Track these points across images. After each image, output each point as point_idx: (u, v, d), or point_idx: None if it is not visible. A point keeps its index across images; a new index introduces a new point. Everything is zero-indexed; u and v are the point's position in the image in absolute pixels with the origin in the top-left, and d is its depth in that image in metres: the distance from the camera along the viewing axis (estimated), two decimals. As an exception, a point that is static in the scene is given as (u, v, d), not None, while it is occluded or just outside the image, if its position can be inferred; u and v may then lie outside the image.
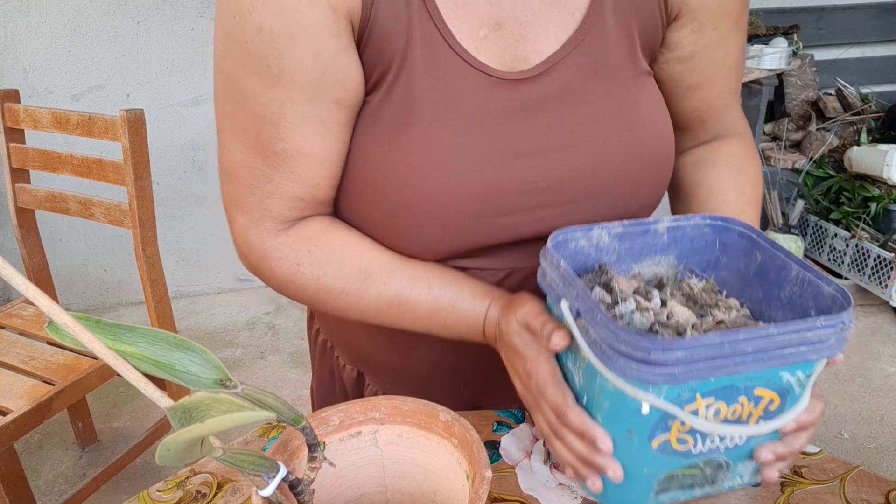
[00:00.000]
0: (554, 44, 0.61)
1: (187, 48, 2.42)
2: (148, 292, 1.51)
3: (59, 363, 1.45)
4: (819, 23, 2.84)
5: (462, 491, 0.52)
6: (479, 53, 0.60)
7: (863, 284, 2.46)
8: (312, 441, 0.46)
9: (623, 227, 0.59)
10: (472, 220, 0.62)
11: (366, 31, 0.58)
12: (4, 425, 1.25)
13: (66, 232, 2.54)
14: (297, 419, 0.43)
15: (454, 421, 0.53)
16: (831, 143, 2.62)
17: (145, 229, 1.45)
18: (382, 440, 0.55)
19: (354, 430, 0.54)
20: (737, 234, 0.60)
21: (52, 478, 1.82)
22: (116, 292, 2.68)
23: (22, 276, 0.33)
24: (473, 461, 0.50)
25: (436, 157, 0.60)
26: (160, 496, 0.64)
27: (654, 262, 0.62)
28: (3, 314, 1.62)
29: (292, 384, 2.21)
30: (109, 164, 1.44)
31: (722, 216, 0.61)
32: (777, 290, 0.56)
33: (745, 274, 0.59)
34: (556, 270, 0.55)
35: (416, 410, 0.55)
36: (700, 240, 0.62)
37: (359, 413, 0.54)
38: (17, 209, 1.59)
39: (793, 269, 0.54)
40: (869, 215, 2.44)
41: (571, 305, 0.52)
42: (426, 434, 0.55)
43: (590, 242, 0.59)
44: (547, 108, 0.61)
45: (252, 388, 0.40)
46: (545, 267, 0.57)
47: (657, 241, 0.61)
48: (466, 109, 0.60)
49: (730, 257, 0.61)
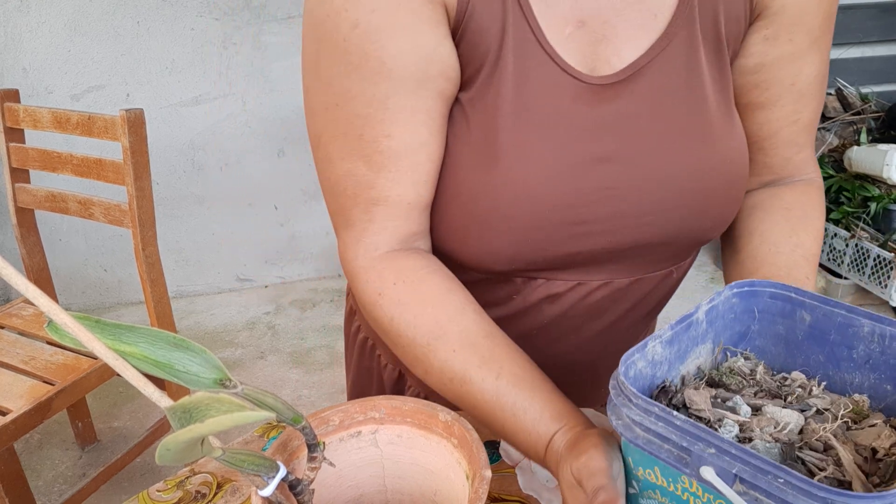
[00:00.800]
0: (635, 46, 0.59)
1: (187, 48, 2.42)
2: (148, 292, 1.51)
3: (59, 363, 1.45)
4: (819, 23, 2.84)
5: (462, 491, 0.52)
6: (564, 53, 0.58)
7: (862, 284, 2.46)
8: (312, 441, 0.46)
9: (672, 330, 0.51)
10: (550, 226, 0.60)
11: (461, 24, 0.56)
12: (4, 425, 1.25)
13: (66, 232, 2.54)
14: (296, 419, 0.43)
15: (454, 421, 0.53)
16: (831, 142, 2.62)
17: (145, 229, 1.45)
18: (382, 440, 0.55)
19: (354, 430, 0.54)
20: (768, 296, 0.54)
21: (51, 478, 1.81)
22: (116, 292, 2.67)
23: (21, 276, 0.33)
24: (473, 461, 0.49)
25: (521, 162, 0.58)
26: (160, 496, 0.64)
27: (695, 354, 0.54)
28: (3, 314, 1.62)
29: (292, 384, 2.21)
30: (109, 164, 1.44)
31: (748, 281, 0.54)
32: (846, 349, 0.50)
33: (790, 339, 0.54)
34: (668, 424, 0.41)
35: (415, 410, 0.54)
36: (730, 313, 0.55)
37: (359, 413, 0.54)
38: (16, 209, 1.59)
39: (864, 325, 0.49)
40: (869, 215, 2.44)
41: (722, 471, 0.39)
42: (426, 434, 0.54)
43: (646, 360, 0.49)
44: (630, 116, 0.60)
45: (252, 387, 0.40)
46: (627, 413, 0.44)
47: (698, 332, 0.53)
48: (551, 112, 0.58)
49: (764, 324, 0.55)
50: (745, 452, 0.38)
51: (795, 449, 0.43)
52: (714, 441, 0.39)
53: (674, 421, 0.41)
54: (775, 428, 0.45)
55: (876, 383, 0.50)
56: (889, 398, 0.50)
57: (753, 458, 0.37)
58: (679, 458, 0.41)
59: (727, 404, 0.48)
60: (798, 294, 0.53)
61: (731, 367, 0.54)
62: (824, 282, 2.59)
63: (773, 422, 0.46)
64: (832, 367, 0.51)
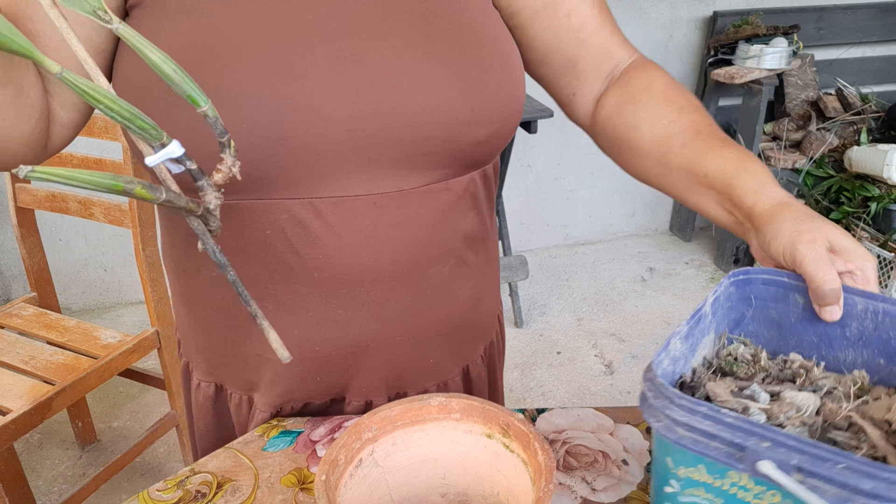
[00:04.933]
0: None
1: (187, 48, 2.42)
2: (148, 292, 1.51)
3: (59, 363, 1.45)
4: (819, 23, 2.84)
5: (483, 450, 0.53)
6: None
7: (863, 284, 2.46)
8: (222, 138, 0.40)
9: (688, 325, 0.51)
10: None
11: None
12: (4, 425, 1.25)
13: (66, 232, 2.54)
14: (193, 101, 0.38)
15: (448, 398, 0.53)
16: (831, 143, 2.62)
17: (145, 229, 1.45)
18: (380, 456, 0.54)
19: (356, 462, 0.52)
20: (760, 283, 0.56)
21: (51, 477, 1.82)
22: (116, 292, 2.67)
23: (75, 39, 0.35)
24: (488, 416, 0.50)
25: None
26: (160, 496, 0.64)
27: (702, 346, 0.55)
28: (3, 314, 1.62)
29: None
30: (109, 164, 1.44)
31: (743, 269, 0.55)
32: (839, 328, 0.52)
33: (783, 322, 0.55)
34: (716, 422, 0.41)
35: (404, 411, 0.54)
36: (727, 301, 0.56)
37: (355, 441, 0.52)
38: (17, 209, 1.59)
39: (857, 303, 0.50)
40: (869, 215, 2.44)
41: (781, 463, 0.39)
42: (420, 427, 0.54)
43: (669, 358, 0.49)
44: None
45: (134, 32, 0.37)
46: (670, 413, 0.43)
47: (706, 324, 0.54)
48: None
49: (757, 310, 0.56)
50: (803, 442, 0.38)
51: (825, 431, 0.44)
52: (769, 435, 0.39)
53: (724, 418, 0.40)
54: (797, 412, 0.46)
55: (869, 359, 0.52)
56: (882, 371, 0.52)
57: (812, 447, 0.37)
58: (730, 454, 0.41)
59: (745, 393, 0.49)
60: (791, 278, 0.54)
61: (732, 355, 0.55)
62: (824, 282, 2.59)
63: (793, 406, 0.46)
64: (825, 346, 0.53)
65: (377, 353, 0.69)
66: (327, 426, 0.72)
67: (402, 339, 0.69)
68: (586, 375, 2.23)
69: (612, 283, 2.76)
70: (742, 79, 2.51)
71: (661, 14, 2.80)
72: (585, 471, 0.65)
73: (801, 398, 0.47)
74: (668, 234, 3.20)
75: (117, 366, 1.47)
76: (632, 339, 2.39)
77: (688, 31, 2.85)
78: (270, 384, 0.70)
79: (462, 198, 0.66)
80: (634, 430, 0.70)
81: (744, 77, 2.51)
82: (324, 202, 0.60)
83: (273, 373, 0.70)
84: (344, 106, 0.56)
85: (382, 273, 0.64)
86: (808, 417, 0.45)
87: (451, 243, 0.68)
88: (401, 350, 0.69)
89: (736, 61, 2.60)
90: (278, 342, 0.47)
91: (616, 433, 0.70)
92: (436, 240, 0.66)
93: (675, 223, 3.16)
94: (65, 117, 0.60)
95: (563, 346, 2.38)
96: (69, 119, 0.61)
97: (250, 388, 0.73)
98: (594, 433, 0.70)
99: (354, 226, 0.61)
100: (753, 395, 0.48)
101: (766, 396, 0.48)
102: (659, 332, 2.41)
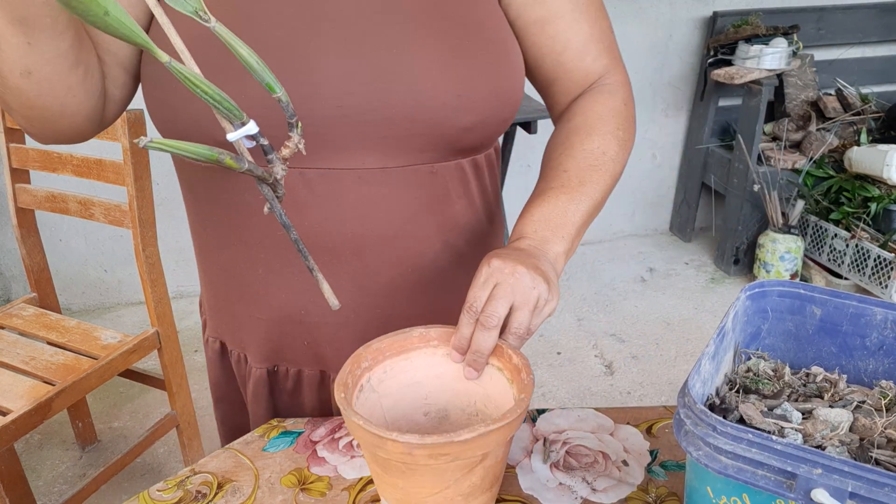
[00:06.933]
0: None
1: (187, 48, 2.42)
2: (148, 292, 1.51)
3: (59, 363, 1.45)
4: (819, 23, 2.84)
5: (458, 369, 0.62)
6: None
7: (863, 285, 2.46)
8: (291, 119, 0.46)
9: (714, 344, 0.50)
10: None
11: None
12: (4, 425, 1.25)
13: (66, 232, 2.54)
14: (270, 87, 0.43)
15: (427, 329, 0.62)
16: (831, 143, 2.62)
17: (145, 229, 1.45)
18: (375, 383, 0.61)
19: (359, 387, 0.59)
20: (776, 295, 0.55)
21: (52, 478, 1.82)
22: (116, 292, 2.67)
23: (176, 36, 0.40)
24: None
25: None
26: (160, 496, 0.64)
27: (724, 364, 0.54)
28: (3, 314, 1.62)
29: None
30: (109, 164, 1.44)
31: (758, 283, 0.56)
32: (859, 339, 0.52)
33: (800, 334, 0.55)
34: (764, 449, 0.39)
35: (391, 343, 0.62)
36: (744, 315, 0.56)
37: (356, 368, 0.59)
38: (17, 209, 1.59)
39: (876, 313, 0.50)
40: (869, 215, 2.44)
41: (835, 490, 0.37)
42: (405, 356, 0.62)
43: (701, 381, 0.48)
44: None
45: (227, 30, 0.40)
46: (713, 442, 0.41)
47: (728, 341, 0.53)
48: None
49: (773, 322, 0.56)
50: (857, 467, 0.36)
51: (865, 450, 0.43)
52: (821, 461, 0.37)
53: (773, 445, 0.39)
54: (832, 431, 0.45)
55: (891, 367, 0.52)
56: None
57: (867, 472, 0.36)
58: (779, 483, 0.39)
59: (776, 412, 0.47)
60: (807, 290, 0.54)
61: (753, 371, 0.54)
62: (825, 282, 2.59)
63: (827, 424, 0.45)
64: (845, 357, 0.53)
65: (359, 327, 0.71)
66: (327, 426, 0.72)
67: (386, 315, 0.72)
68: (586, 376, 2.23)
69: (612, 284, 2.76)
70: (742, 79, 2.51)
71: (660, 14, 2.80)
72: (586, 471, 0.65)
73: (833, 415, 0.45)
74: (668, 235, 3.20)
75: (117, 366, 1.47)
76: (632, 340, 2.39)
77: (687, 31, 2.85)
78: (262, 342, 0.75)
79: (449, 182, 0.69)
80: (635, 431, 0.70)
81: (743, 77, 2.51)
82: (313, 172, 0.64)
83: (265, 331, 0.74)
84: (338, 84, 0.60)
85: (364, 245, 0.68)
86: (845, 436, 0.44)
87: (437, 227, 0.70)
88: (385, 328, 0.70)
89: (736, 61, 2.60)
90: (329, 292, 0.54)
91: (616, 434, 0.70)
92: (419, 219, 0.69)
93: (676, 223, 3.16)
94: (116, 95, 0.68)
95: (563, 346, 2.38)
96: (120, 96, 0.68)
97: (244, 346, 0.78)
98: (594, 434, 0.70)
99: (339, 197, 0.65)
100: (785, 415, 0.47)
101: (797, 415, 0.47)
102: (659, 332, 2.41)
